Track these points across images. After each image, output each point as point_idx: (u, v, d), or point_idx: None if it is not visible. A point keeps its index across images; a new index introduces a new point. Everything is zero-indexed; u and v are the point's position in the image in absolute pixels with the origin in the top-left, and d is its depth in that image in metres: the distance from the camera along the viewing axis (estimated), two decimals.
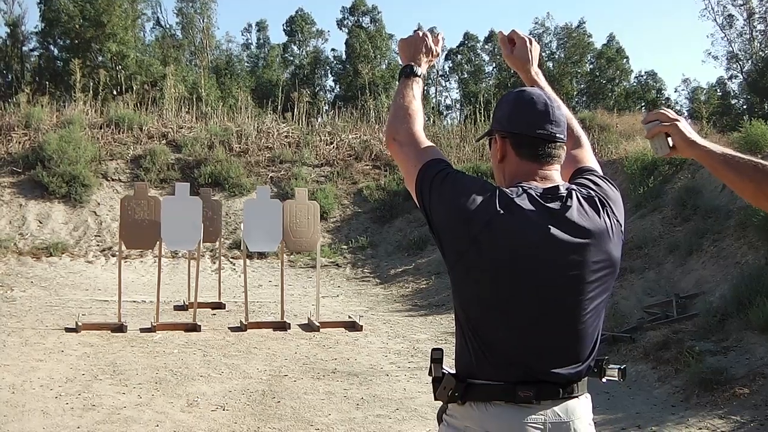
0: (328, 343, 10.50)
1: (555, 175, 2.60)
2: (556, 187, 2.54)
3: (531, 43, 3.11)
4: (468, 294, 2.48)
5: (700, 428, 6.97)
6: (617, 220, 2.60)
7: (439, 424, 2.59)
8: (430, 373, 2.55)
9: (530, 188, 2.51)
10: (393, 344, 10.57)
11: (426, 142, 2.72)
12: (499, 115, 2.68)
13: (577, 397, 2.49)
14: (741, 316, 8.78)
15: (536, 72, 3.08)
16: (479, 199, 2.47)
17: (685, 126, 2.71)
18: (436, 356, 2.53)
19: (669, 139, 2.73)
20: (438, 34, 3.08)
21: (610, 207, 2.61)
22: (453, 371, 2.51)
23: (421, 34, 3.04)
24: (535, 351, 2.43)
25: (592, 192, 2.61)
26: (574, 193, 2.54)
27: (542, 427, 2.41)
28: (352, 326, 11.44)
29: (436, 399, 2.54)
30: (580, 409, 2.50)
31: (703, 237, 11.35)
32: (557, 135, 2.59)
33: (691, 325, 9.41)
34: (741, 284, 9.23)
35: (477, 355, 2.45)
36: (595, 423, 2.54)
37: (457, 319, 2.55)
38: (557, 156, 2.61)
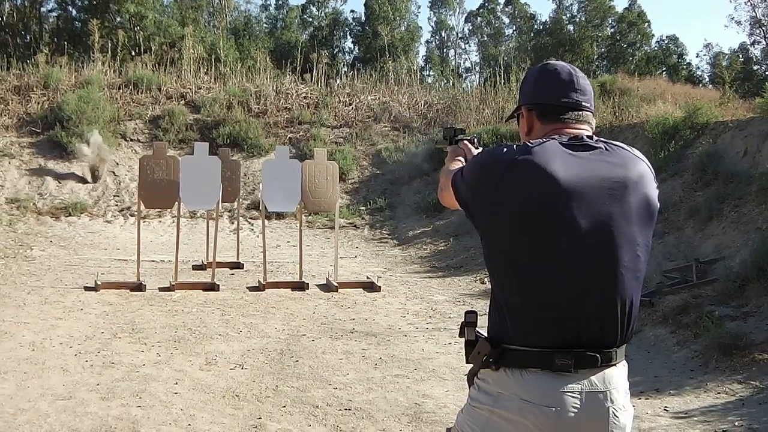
0: (346, 303, 10.52)
1: (583, 133, 2.56)
2: (583, 137, 2.52)
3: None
4: (500, 252, 2.44)
5: (719, 393, 6.95)
6: (653, 174, 2.55)
7: (469, 387, 2.58)
8: (461, 335, 2.55)
9: (554, 137, 2.50)
10: (411, 305, 10.58)
11: None
12: (525, 89, 2.69)
13: (615, 365, 2.45)
14: (761, 282, 8.73)
15: None
16: (498, 151, 2.49)
17: None
18: (470, 319, 2.52)
19: None
20: (475, 139, 3.41)
21: (645, 161, 2.56)
22: (485, 335, 2.48)
23: (462, 146, 3.33)
24: (572, 313, 2.38)
25: (625, 146, 2.57)
26: (602, 142, 2.51)
27: (579, 396, 2.38)
28: (371, 287, 11.45)
29: (468, 362, 2.53)
30: (617, 377, 2.46)
31: (724, 202, 11.27)
32: (583, 103, 2.58)
33: (710, 290, 9.37)
34: (761, 250, 9.15)
35: (511, 319, 2.41)
36: None
37: (492, 283, 2.52)
38: (585, 121, 2.59)
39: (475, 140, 3.39)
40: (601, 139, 2.54)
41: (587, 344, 2.39)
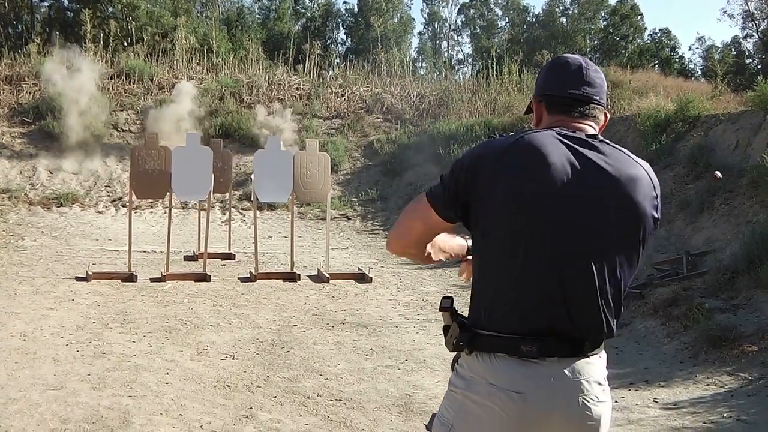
0: (338, 294, 10.53)
1: (588, 129, 2.55)
2: (583, 133, 2.51)
3: None
4: (483, 238, 2.45)
5: (708, 384, 6.99)
6: (653, 184, 2.51)
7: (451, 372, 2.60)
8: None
9: (553, 128, 2.50)
10: (402, 296, 10.60)
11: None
12: (538, 81, 2.70)
13: (588, 356, 2.44)
14: (751, 275, 8.76)
15: None
16: (491, 141, 2.51)
17: None
18: (445, 304, 2.55)
19: None
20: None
21: (646, 170, 2.52)
22: (463, 321, 2.50)
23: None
24: (545, 303, 2.38)
25: (630, 154, 2.55)
26: (604, 143, 2.50)
27: (545, 383, 2.38)
28: (362, 278, 11.47)
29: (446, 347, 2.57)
30: (588, 369, 2.44)
31: (715, 195, 11.30)
32: (592, 96, 2.56)
33: (700, 283, 9.40)
34: (752, 242, 9.18)
35: (486, 305, 2.43)
36: None
37: (474, 271, 2.54)
38: (592, 116, 2.57)
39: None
40: (606, 140, 2.52)
41: (558, 334, 2.39)
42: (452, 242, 2.88)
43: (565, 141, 2.44)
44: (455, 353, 2.56)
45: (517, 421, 2.37)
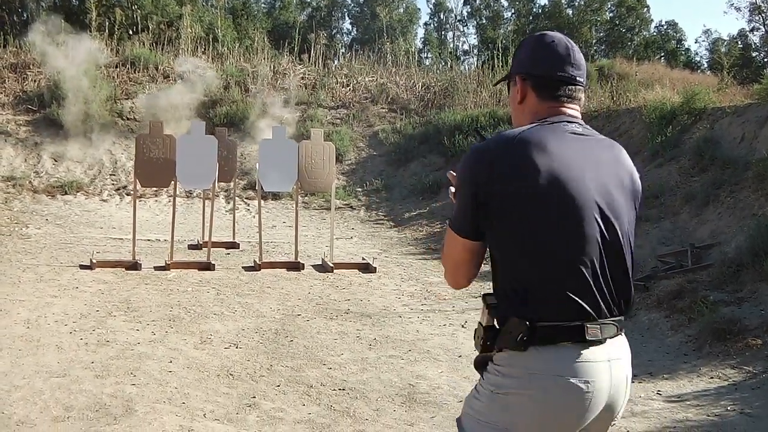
0: (342, 284, 10.53)
1: (575, 113, 2.61)
2: (576, 120, 2.59)
3: None
4: (513, 234, 2.42)
5: (712, 377, 6.98)
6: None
7: (481, 374, 2.53)
8: (486, 320, 2.50)
9: (548, 119, 2.54)
10: (406, 286, 10.59)
11: None
12: (520, 57, 2.69)
13: (623, 333, 2.53)
14: (756, 268, 8.74)
15: None
16: (496, 139, 2.50)
17: None
18: (492, 302, 2.49)
19: None
20: None
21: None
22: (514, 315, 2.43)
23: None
24: (593, 284, 2.42)
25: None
26: (585, 127, 2.60)
27: (607, 365, 2.43)
28: (366, 268, 11.46)
29: (485, 349, 2.49)
30: (626, 345, 2.55)
31: (720, 188, 11.27)
32: (577, 78, 2.61)
33: (705, 275, 9.38)
34: (757, 236, 9.16)
35: (536, 297, 2.40)
36: None
37: (503, 268, 2.47)
38: (578, 98, 2.62)
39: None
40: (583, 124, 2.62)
41: (606, 314, 2.43)
42: None
43: (562, 125, 2.52)
44: (484, 354, 2.50)
45: (588, 409, 2.40)
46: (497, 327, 2.45)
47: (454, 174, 2.59)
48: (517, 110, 2.66)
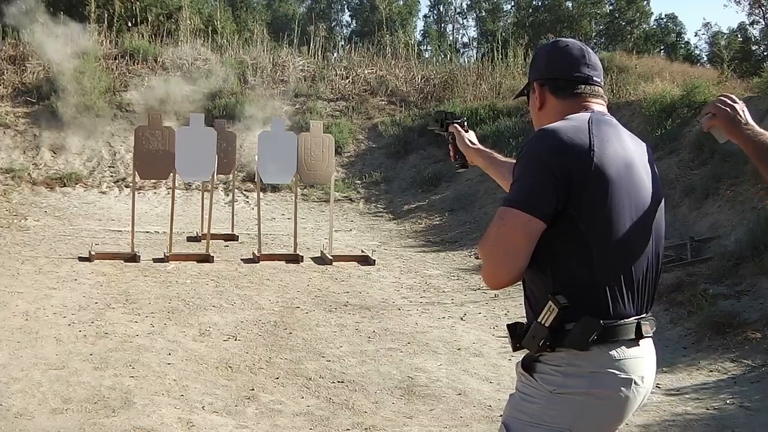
0: (341, 276, 10.52)
1: (602, 109, 2.60)
2: (606, 114, 2.60)
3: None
4: (580, 224, 2.35)
5: (711, 371, 6.98)
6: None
7: (530, 374, 2.43)
8: (549, 323, 2.36)
9: (581, 115, 2.53)
10: (405, 279, 10.58)
11: None
12: (537, 64, 2.71)
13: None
14: (756, 261, 8.73)
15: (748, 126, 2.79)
16: (567, 128, 2.44)
17: (735, 114, 2.76)
18: (564, 302, 2.34)
19: None
20: (465, 123, 3.44)
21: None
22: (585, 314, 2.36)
23: (452, 129, 3.34)
24: (644, 281, 2.45)
25: None
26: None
27: (649, 360, 2.47)
28: (365, 260, 11.45)
29: (546, 348, 2.38)
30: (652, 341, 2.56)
31: (720, 181, 11.27)
32: (594, 77, 2.62)
33: (705, 269, 9.38)
34: (757, 229, 9.16)
35: (597, 295, 2.36)
36: None
37: (570, 260, 2.37)
38: (599, 95, 2.63)
39: (465, 124, 3.39)
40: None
41: (648, 309, 2.48)
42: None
43: (600, 118, 2.52)
44: (534, 353, 2.41)
45: (638, 405, 2.46)
46: (563, 327, 2.34)
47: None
48: (539, 117, 2.65)
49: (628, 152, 2.43)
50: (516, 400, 2.47)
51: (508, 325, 2.50)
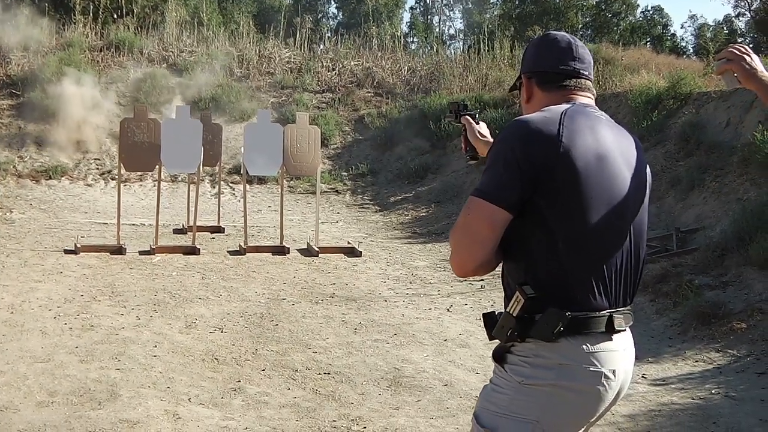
0: (327, 268, 10.52)
1: (589, 102, 2.60)
2: (592, 106, 2.59)
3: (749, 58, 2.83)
4: (555, 219, 2.35)
5: (697, 361, 7.01)
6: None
7: (501, 365, 2.43)
8: (516, 311, 2.35)
9: (574, 103, 2.54)
10: (392, 270, 10.59)
11: None
12: (526, 58, 2.71)
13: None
14: (741, 252, 8.77)
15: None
16: (540, 118, 2.44)
17: (750, 61, 2.77)
18: (530, 293, 2.34)
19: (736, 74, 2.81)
20: (477, 115, 3.41)
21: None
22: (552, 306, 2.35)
23: (464, 121, 3.33)
24: (620, 273, 2.43)
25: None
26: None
27: (624, 353, 2.46)
28: (351, 252, 11.45)
29: (515, 338, 2.37)
30: (630, 333, 2.54)
31: (706, 172, 11.31)
32: (581, 71, 2.60)
33: (690, 260, 9.42)
34: (742, 220, 9.20)
35: (569, 286, 2.36)
36: None
37: (539, 252, 2.37)
38: (586, 88, 2.62)
39: (476, 116, 3.39)
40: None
41: (625, 303, 2.46)
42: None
43: (582, 108, 2.51)
44: (506, 344, 2.41)
45: (611, 398, 2.42)
46: (532, 317, 2.34)
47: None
48: (526, 109, 2.65)
49: (602, 144, 2.39)
50: (488, 391, 2.47)
51: (483, 315, 2.50)
